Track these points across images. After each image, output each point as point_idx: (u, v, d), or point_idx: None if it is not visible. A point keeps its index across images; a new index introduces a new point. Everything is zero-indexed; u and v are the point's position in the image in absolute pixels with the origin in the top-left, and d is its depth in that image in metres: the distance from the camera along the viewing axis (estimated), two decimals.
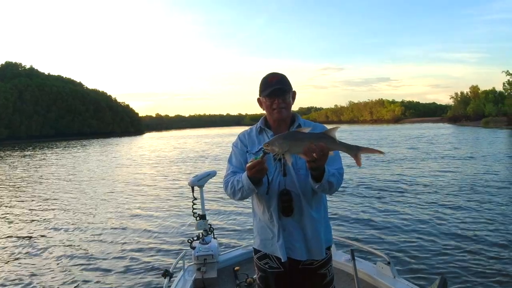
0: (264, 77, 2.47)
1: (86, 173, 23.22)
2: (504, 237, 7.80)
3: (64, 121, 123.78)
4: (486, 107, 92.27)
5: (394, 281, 3.65)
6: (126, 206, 12.92)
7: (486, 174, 15.97)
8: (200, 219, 4.43)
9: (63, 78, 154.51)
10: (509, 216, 9.39)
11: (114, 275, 6.85)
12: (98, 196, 15.00)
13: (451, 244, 7.48)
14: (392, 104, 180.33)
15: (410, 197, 12.02)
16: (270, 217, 2.43)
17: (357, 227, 9.02)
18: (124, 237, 9.15)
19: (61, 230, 10.20)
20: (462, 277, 6.04)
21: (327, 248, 2.53)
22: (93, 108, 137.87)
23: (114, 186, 17.56)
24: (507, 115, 69.94)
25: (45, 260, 7.85)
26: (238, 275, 4.14)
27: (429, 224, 8.95)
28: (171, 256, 7.50)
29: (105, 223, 10.60)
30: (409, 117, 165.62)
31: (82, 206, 13.25)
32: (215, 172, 4.54)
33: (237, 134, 2.76)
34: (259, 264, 2.57)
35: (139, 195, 14.85)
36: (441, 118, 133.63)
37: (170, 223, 10.20)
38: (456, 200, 11.34)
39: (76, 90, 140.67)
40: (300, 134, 2.09)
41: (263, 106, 2.52)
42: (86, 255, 7.97)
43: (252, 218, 2.66)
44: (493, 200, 11.20)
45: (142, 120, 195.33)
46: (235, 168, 2.51)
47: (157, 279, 6.40)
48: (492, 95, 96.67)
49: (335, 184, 2.27)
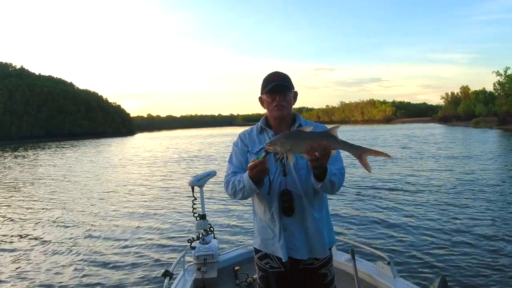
0: (266, 75, 2.47)
1: (82, 174, 23.03)
2: (504, 238, 7.81)
3: (55, 121, 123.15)
4: (476, 107, 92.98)
5: (394, 281, 3.65)
6: (125, 206, 12.87)
7: (483, 174, 16.01)
8: (200, 219, 4.41)
9: (54, 78, 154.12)
10: (508, 217, 9.41)
11: (114, 275, 6.83)
12: (96, 197, 14.91)
13: (452, 244, 7.49)
14: (383, 104, 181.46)
15: (410, 197, 12.03)
16: (271, 217, 2.42)
17: (357, 227, 9.00)
18: (123, 238, 9.12)
19: (61, 230, 10.16)
20: (462, 277, 6.05)
21: (329, 247, 2.53)
22: (84, 109, 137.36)
23: (111, 187, 17.44)
24: (497, 115, 70.39)
25: (44, 260, 7.81)
26: (238, 275, 4.12)
27: (429, 224, 8.95)
28: (171, 256, 7.48)
29: (104, 224, 10.56)
30: (400, 117, 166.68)
31: (80, 206, 13.18)
32: (215, 172, 4.53)
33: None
34: (259, 264, 2.56)
35: (138, 196, 14.79)
36: (431, 118, 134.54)
37: (170, 223, 10.17)
38: (456, 200, 11.35)
39: (67, 90, 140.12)
40: (302, 134, 2.09)
41: (264, 104, 2.51)
42: (85, 256, 7.94)
43: (252, 218, 2.64)
44: (492, 200, 11.23)
45: (134, 121, 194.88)
46: (235, 168, 2.50)
47: (157, 279, 6.38)
48: (482, 95, 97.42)
49: (337, 183, 2.26)
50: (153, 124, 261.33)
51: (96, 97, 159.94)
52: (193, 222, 4.64)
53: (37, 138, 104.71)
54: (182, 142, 61.60)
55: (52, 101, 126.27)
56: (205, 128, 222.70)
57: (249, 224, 9.04)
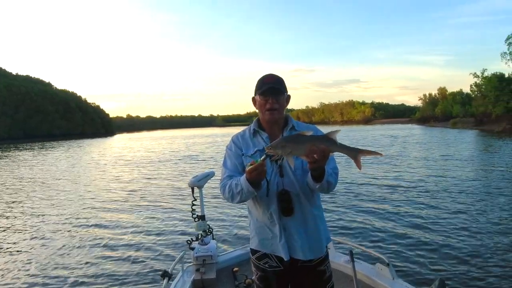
0: (261, 77, 2.49)
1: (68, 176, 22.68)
2: (502, 238, 7.90)
3: (33, 122, 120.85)
4: (454, 108, 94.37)
5: (393, 283, 3.68)
6: (123, 206, 12.83)
7: (481, 176, 16.09)
8: (199, 219, 4.41)
9: (31, 78, 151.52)
10: (508, 217, 9.51)
11: (112, 276, 6.81)
12: (94, 198, 14.81)
13: (450, 246, 7.52)
14: (362, 105, 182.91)
15: (409, 199, 12.02)
16: (270, 217, 2.43)
17: (356, 229, 9.00)
18: (122, 238, 9.09)
19: (60, 230, 10.15)
20: (460, 279, 6.09)
21: (326, 245, 2.57)
22: (62, 109, 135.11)
23: (105, 188, 17.35)
24: (474, 116, 71.60)
25: (44, 260, 7.79)
26: (237, 276, 4.14)
27: (428, 225, 8.98)
28: (170, 257, 7.47)
29: (103, 224, 10.52)
30: (379, 118, 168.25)
31: (79, 207, 13.10)
32: (214, 172, 4.53)
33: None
34: (258, 264, 2.56)
35: (137, 196, 14.72)
36: (410, 119, 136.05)
37: (169, 224, 10.16)
38: (455, 201, 11.40)
39: (45, 91, 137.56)
40: (302, 137, 2.14)
41: (256, 105, 2.53)
42: (84, 256, 7.91)
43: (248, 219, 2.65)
44: (492, 200, 11.32)
45: (113, 121, 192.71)
46: (230, 171, 2.50)
47: (156, 280, 6.37)
48: (459, 96, 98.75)
49: (333, 183, 2.32)
50: (133, 124, 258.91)
51: (74, 97, 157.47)
52: (192, 223, 4.64)
53: (15, 139, 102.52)
54: (164, 143, 60.84)
55: (30, 102, 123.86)
56: (185, 129, 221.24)
57: (248, 225, 9.01)
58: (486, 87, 64.75)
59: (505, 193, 12.35)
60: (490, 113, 62.05)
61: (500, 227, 8.72)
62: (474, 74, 67.80)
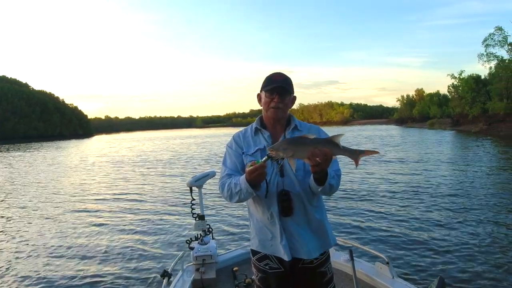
0: (269, 75, 2.47)
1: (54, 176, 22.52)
2: (501, 238, 7.95)
3: (9, 123, 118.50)
4: (431, 109, 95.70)
5: (392, 281, 3.72)
6: (123, 207, 12.73)
7: (479, 176, 16.15)
8: (199, 219, 4.42)
9: (7, 78, 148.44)
10: (507, 218, 9.58)
11: (112, 275, 6.77)
12: (93, 198, 14.71)
13: (450, 245, 7.54)
14: (341, 106, 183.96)
15: (408, 198, 12.03)
16: (270, 218, 2.40)
17: (355, 227, 8.96)
18: (122, 238, 9.04)
19: (59, 230, 10.10)
20: (460, 278, 6.10)
21: (328, 246, 2.56)
22: (39, 110, 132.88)
23: (106, 187, 17.26)
24: (451, 116, 72.73)
25: (43, 260, 7.74)
26: (236, 276, 4.15)
27: (428, 224, 9.00)
28: (169, 256, 7.43)
29: (102, 224, 10.45)
30: (357, 119, 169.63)
31: (77, 207, 13.02)
32: (214, 172, 4.53)
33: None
34: (258, 265, 2.54)
35: (137, 196, 14.61)
36: (388, 120, 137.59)
37: (169, 224, 10.12)
38: (455, 201, 11.43)
39: (21, 91, 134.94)
40: (305, 140, 2.13)
41: (261, 102, 2.50)
42: (82, 257, 7.85)
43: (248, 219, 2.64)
44: (491, 201, 11.35)
45: (91, 123, 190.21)
46: (230, 170, 2.48)
47: (155, 280, 6.35)
48: (436, 97, 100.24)
49: (335, 186, 2.31)
50: (112, 126, 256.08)
51: (52, 98, 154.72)
52: (191, 222, 4.65)
53: None
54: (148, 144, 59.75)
55: (6, 103, 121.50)
56: (164, 130, 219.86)
57: (248, 225, 9.00)
58: (463, 88, 65.60)
59: (505, 192, 12.46)
60: (467, 114, 62.91)
61: (500, 227, 8.76)
62: (451, 75, 68.53)
